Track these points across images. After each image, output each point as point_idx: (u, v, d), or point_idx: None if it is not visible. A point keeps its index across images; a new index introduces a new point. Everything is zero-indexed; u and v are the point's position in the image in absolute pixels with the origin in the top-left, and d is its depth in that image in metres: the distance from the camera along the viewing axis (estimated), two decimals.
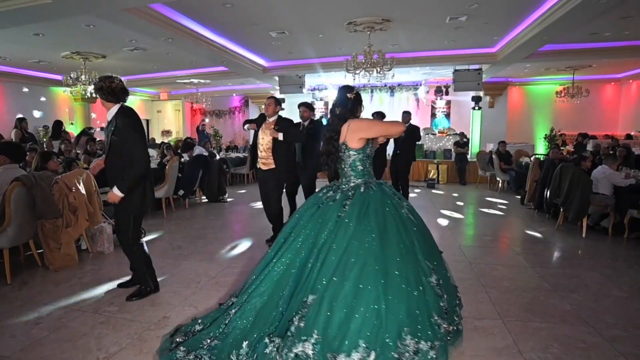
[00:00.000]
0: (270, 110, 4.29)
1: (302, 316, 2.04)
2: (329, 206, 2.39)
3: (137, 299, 3.18)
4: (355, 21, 6.65)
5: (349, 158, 2.51)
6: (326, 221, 2.30)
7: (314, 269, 2.15)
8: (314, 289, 2.09)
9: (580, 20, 5.89)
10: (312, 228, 2.33)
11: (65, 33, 6.77)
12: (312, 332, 1.96)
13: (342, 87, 2.67)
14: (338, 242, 2.18)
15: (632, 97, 11.72)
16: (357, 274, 2.05)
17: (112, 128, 2.94)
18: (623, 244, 4.80)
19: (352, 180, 2.51)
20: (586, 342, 2.56)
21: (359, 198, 2.35)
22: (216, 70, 10.05)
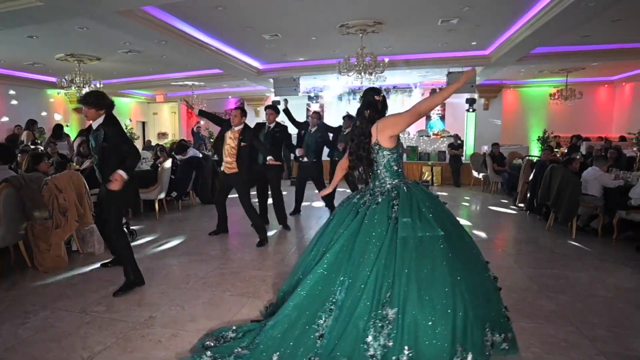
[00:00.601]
0: (236, 120, 4.65)
1: (387, 333, 1.92)
2: (374, 210, 2.26)
3: (122, 293, 3.28)
4: (348, 24, 6.69)
5: (383, 159, 2.42)
6: (377, 228, 2.18)
7: (383, 282, 2.02)
8: (392, 302, 1.96)
9: (570, 23, 5.94)
10: (360, 239, 2.20)
11: (59, 35, 6.78)
12: (403, 349, 1.88)
13: (369, 90, 2.58)
14: (403, 252, 2.06)
15: (626, 99, 11.79)
16: (432, 279, 1.99)
17: (102, 136, 3.16)
18: (612, 244, 4.83)
19: (388, 181, 2.41)
20: (568, 341, 2.58)
21: (406, 199, 2.26)
22: (211, 72, 10.08)
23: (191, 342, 2.54)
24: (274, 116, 5.61)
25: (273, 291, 3.36)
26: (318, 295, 2.17)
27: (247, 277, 3.72)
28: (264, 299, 3.22)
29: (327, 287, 2.16)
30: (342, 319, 2.05)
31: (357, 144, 2.47)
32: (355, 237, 2.22)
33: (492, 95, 12.40)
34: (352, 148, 2.51)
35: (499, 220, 6.37)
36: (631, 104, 11.54)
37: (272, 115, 5.58)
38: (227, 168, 4.72)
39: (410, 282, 1.98)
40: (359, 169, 2.49)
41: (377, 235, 2.16)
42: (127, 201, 3.50)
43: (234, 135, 4.67)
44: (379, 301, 2.00)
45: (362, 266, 2.11)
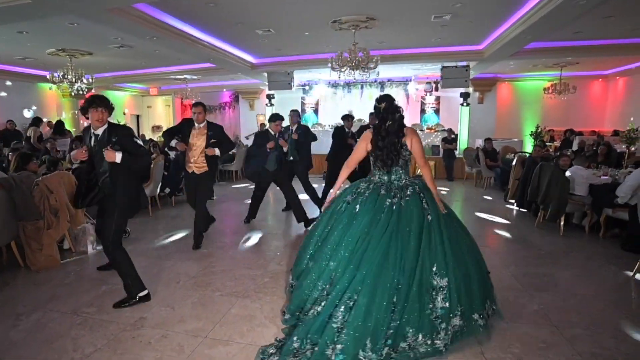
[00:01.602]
0: (201, 118, 4.52)
1: (442, 298, 2.47)
2: (408, 203, 2.67)
3: (121, 305, 3.14)
4: (341, 19, 6.67)
5: (404, 158, 2.81)
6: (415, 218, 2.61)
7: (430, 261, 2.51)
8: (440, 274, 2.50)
9: (562, 20, 5.95)
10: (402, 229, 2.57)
11: (50, 31, 6.73)
12: (457, 307, 2.48)
13: (389, 98, 2.88)
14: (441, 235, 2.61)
15: (619, 93, 11.84)
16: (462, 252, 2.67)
17: (113, 139, 3.03)
18: (599, 242, 4.91)
19: (403, 177, 2.82)
20: (546, 341, 2.66)
21: (428, 191, 2.80)
22: (204, 66, 10.02)
23: (180, 344, 2.60)
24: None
25: (262, 290, 3.43)
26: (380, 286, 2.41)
27: (237, 276, 3.77)
28: (253, 298, 3.29)
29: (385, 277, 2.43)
30: (402, 299, 2.40)
31: (391, 142, 2.77)
32: (397, 229, 2.56)
33: (486, 89, 12.42)
34: (384, 145, 2.79)
35: (489, 216, 6.43)
36: (624, 98, 11.59)
37: (278, 126, 5.53)
38: (197, 168, 4.56)
39: (448, 256, 2.53)
40: (385, 164, 2.80)
41: (415, 224, 2.58)
42: (132, 212, 3.35)
43: (201, 132, 4.53)
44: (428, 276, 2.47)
45: (408, 252, 2.50)
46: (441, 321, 2.43)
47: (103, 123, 3.06)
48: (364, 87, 13.38)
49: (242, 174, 10.76)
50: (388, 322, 2.34)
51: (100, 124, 3.05)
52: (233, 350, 2.54)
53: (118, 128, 3.16)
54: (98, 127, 3.06)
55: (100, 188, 3.12)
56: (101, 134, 3.07)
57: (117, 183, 3.08)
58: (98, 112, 3.01)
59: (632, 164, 6.32)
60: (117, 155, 2.99)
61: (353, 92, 13.47)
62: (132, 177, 3.21)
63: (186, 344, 2.60)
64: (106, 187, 3.09)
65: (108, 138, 3.03)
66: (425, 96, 13.17)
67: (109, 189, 3.08)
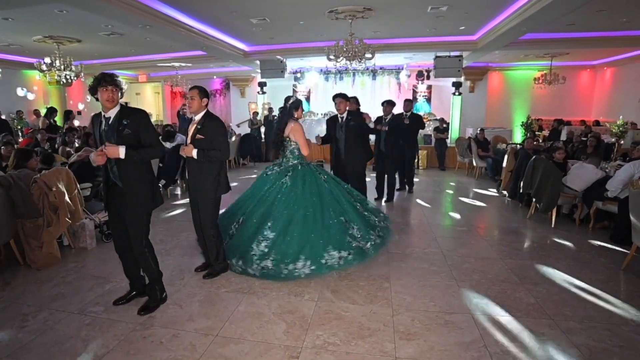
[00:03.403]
0: (195, 105, 3.33)
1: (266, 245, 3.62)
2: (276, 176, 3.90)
3: (144, 314, 2.99)
4: (337, 9, 6.61)
5: (290, 146, 3.92)
6: (279, 187, 3.82)
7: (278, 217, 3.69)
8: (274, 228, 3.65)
9: (557, 12, 6.01)
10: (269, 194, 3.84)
11: (37, 18, 6.52)
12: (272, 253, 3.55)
13: (286, 98, 3.96)
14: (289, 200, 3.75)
15: (606, 84, 12.05)
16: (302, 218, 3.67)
17: (125, 123, 2.75)
18: (588, 234, 5.07)
19: (291, 161, 3.94)
20: (545, 334, 2.78)
21: (299, 172, 3.89)
22: (196, 54, 9.86)
23: (192, 343, 2.64)
24: (345, 104, 4.95)
25: (267, 286, 3.47)
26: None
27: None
28: (259, 295, 3.33)
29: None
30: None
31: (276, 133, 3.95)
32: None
33: (477, 77, 12.50)
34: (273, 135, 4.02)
35: (482, 207, 6.57)
36: (611, 89, 11.81)
37: (342, 104, 4.90)
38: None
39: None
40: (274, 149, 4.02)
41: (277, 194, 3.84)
42: (149, 202, 2.96)
43: (194, 128, 3.39)
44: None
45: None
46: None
47: (115, 103, 2.75)
48: (356, 75, 13.34)
49: (236, 164, 10.71)
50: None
51: (112, 104, 2.73)
52: (245, 348, 2.59)
53: (131, 111, 2.85)
54: (109, 108, 2.75)
55: (109, 181, 2.89)
56: (113, 117, 2.77)
57: (126, 172, 2.82)
58: (108, 91, 2.70)
59: (620, 156, 6.50)
60: (121, 150, 2.70)
61: (345, 80, 13.43)
62: (145, 169, 2.92)
63: (198, 343, 2.64)
64: (117, 179, 2.84)
65: (119, 122, 2.74)
66: (417, 85, 13.20)
67: (119, 183, 2.84)
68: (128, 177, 2.85)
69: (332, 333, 2.78)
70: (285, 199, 3.74)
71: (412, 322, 2.93)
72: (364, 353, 2.56)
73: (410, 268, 3.93)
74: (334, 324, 2.89)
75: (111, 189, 2.93)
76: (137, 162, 2.84)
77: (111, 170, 2.86)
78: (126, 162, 2.79)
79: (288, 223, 3.62)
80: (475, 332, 2.79)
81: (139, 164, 2.87)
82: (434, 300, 3.26)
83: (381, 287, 3.49)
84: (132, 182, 2.86)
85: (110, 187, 2.93)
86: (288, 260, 3.46)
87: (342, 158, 5.11)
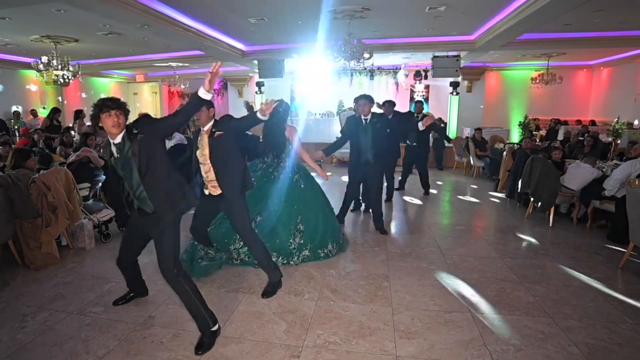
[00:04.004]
0: (203, 117, 3.02)
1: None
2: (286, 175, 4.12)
3: (203, 351, 2.55)
4: (335, 9, 6.61)
5: (288, 147, 4.12)
6: (294, 185, 4.11)
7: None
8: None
9: (556, 12, 6.03)
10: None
11: (34, 17, 6.48)
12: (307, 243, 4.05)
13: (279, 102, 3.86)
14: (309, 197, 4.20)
15: (603, 83, 12.12)
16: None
17: (135, 131, 2.43)
18: (586, 233, 5.11)
19: (289, 160, 4.11)
20: (544, 332, 2.80)
21: (304, 171, 4.26)
22: (194, 54, 9.85)
23: (193, 343, 2.64)
24: (369, 106, 4.63)
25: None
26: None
27: (240, 272, 3.80)
28: (259, 294, 3.33)
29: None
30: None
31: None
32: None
33: (475, 77, 12.54)
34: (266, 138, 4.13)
35: (480, 207, 6.60)
36: (607, 89, 11.87)
37: (366, 106, 4.61)
38: (213, 187, 3.26)
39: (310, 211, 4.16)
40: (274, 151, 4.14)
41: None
42: (180, 212, 2.65)
43: (203, 138, 3.08)
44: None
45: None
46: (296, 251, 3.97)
47: (121, 128, 2.42)
48: (354, 75, 13.36)
49: None
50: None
51: (118, 129, 2.41)
52: (246, 347, 2.60)
53: (136, 124, 2.54)
54: (116, 135, 2.43)
55: (136, 207, 2.57)
56: (121, 141, 2.44)
57: (156, 193, 2.49)
58: (112, 117, 2.38)
59: (617, 156, 6.54)
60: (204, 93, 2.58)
61: (343, 80, 13.43)
62: (174, 181, 2.58)
63: None
64: (145, 204, 2.51)
65: (129, 137, 2.42)
66: (415, 84, 13.23)
67: (149, 205, 2.50)
68: (159, 197, 2.50)
69: (333, 332, 2.79)
70: (306, 196, 4.15)
71: (412, 321, 2.94)
72: (364, 352, 2.57)
73: (410, 267, 3.94)
74: (335, 323, 2.90)
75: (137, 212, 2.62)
76: (166, 172, 2.51)
77: (136, 195, 2.51)
78: (153, 178, 2.46)
79: (314, 216, 4.12)
80: (475, 331, 2.81)
81: (168, 180, 2.53)
82: (434, 299, 3.28)
83: (381, 286, 3.50)
84: (161, 201, 2.52)
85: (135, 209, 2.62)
86: (322, 245, 4.09)
87: (364, 161, 4.78)
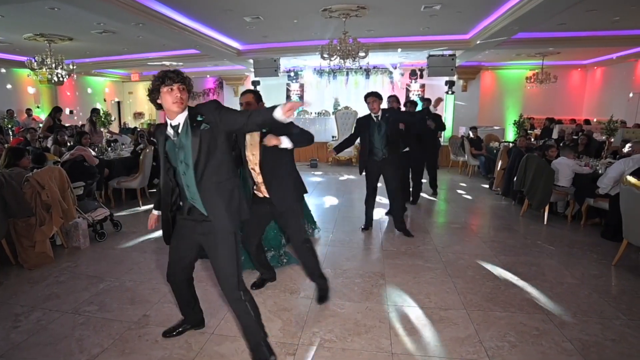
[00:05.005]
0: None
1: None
2: None
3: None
4: (331, 8, 6.61)
5: None
6: None
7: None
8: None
9: (549, 12, 6.07)
10: None
11: (28, 15, 6.43)
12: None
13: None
14: None
15: (597, 83, 12.20)
16: None
17: (199, 118, 2.08)
18: (580, 230, 5.14)
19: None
20: (539, 329, 2.81)
21: None
22: (189, 52, 9.81)
23: (187, 341, 2.63)
24: (379, 103, 4.52)
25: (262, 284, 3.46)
26: None
27: None
28: (255, 292, 3.31)
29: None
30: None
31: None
32: None
33: (470, 76, 12.58)
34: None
35: (475, 205, 6.63)
36: (601, 88, 11.96)
37: (375, 103, 4.50)
38: (264, 191, 2.97)
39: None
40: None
41: None
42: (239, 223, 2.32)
43: (253, 135, 2.82)
44: None
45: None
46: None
47: (183, 106, 2.07)
48: (349, 74, 13.37)
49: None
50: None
51: (179, 108, 2.05)
52: (241, 345, 2.59)
53: (200, 106, 2.16)
54: (176, 113, 2.08)
55: (187, 208, 2.25)
56: (182, 123, 2.09)
57: (212, 197, 2.16)
58: (174, 92, 2.03)
59: (610, 154, 6.58)
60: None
61: (338, 79, 13.46)
62: (231, 182, 2.23)
63: (194, 341, 2.64)
64: (198, 205, 2.18)
65: (191, 122, 2.07)
66: (410, 83, 13.24)
67: (201, 206, 2.18)
68: (213, 199, 2.17)
69: (328, 330, 2.79)
70: None
71: (407, 318, 2.94)
72: (360, 349, 2.57)
73: (405, 265, 3.95)
74: (330, 321, 2.90)
75: (189, 217, 2.29)
76: (226, 171, 2.19)
77: (189, 191, 2.21)
78: (210, 179, 2.14)
79: None
80: (470, 328, 2.82)
81: (226, 180, 2.19)
82: (429, 296, 3.29)
83: (376, 284, 3.50)
84: (220, 205, 2.18)
85: (184, 214, 2.30)
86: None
87: (381, 159, 4.67)
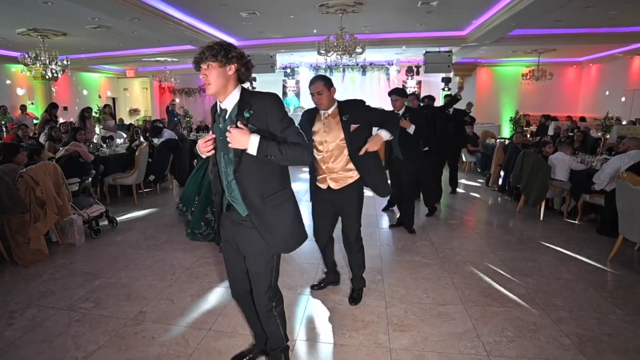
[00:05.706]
0: (325, 100, 2.69)
1: None
2: None
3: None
4: (327, 3, 6.58)
5: None
6: None
7: None
8: None
9: (546, 8, 6.07)
10: None
11: (21, 10, 6.35)
12: None
13: None
14: None
15: (592, 80, 12.25)
16: None
17: (247, 114, 1.76)
18: (576, 227, 5.16)
19: None
20: (536, 324, 2.82)
21: None
22: (185, 48, 9.73)
23: (184, 337, 2.62)
24: (402, 101, 4.45)
25: None
26: None
27: None
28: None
29: None
30: None
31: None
32: None
33: (467, 73, 12.61)
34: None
35: (472, 201, 6.64)
36: (596, 85, 12.01)
37: (398, 102, 4.44)
38: (334, 180, 2.82)
39: None
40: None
41: None
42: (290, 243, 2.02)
43: (329, 121, 2.75)
44: None
45: None
46: None
47: (216, 89, 1.79)
48: (346, 71, 13.37)
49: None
50: None
51: (210, 90, 1.79)
52: (238, 342, 2.58)
53: (255, 95, 1.84)
54: (222, 96, 1.83)
55: (226, 204, 1.98)
56: (231, 109, 1.83)
57: (250, 195, 1.85)
58: (202, 70, 1.77)
59: (606, 150, 6.61)
60: (252, 140, 1.70)
61: (335, 76, 13.42)
62: (283, 183, 1.95)
63: (191, 338, 2.62)
64: (236, 202, 1.90)
65: (239, 112, 1.79)
66: (407, 80, 13.25)
67: (240, 209, 1.90)
68: (254, 201, 1.86)
69: (326, 326, 2.78)
70: None
71: (405, 313, 2.94)
72: (358, 345, 2.57)
73: (403, 261, 3.95)
74: (328, 317, 2.90)
75: (227, 215, 2.00)
76: (274, 170, 1.88)
77: (228, 187, 1.92)
78: (252, 168, 1.81)
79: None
80: (468, 323, 2.82)
81: (276, 183, 1.90)
82: (427, 292, 3.29)
83: (374, 280, 3.50)
84: (259, 205, 1.87)
85: (226, 211, 2.01)
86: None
87: (400, 160, 4.63)
